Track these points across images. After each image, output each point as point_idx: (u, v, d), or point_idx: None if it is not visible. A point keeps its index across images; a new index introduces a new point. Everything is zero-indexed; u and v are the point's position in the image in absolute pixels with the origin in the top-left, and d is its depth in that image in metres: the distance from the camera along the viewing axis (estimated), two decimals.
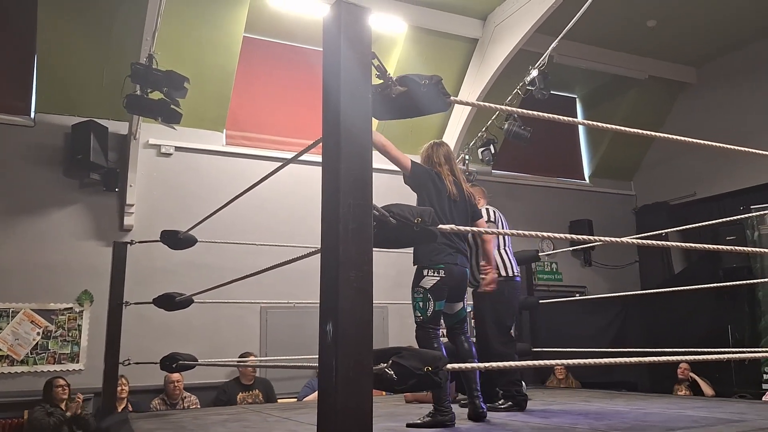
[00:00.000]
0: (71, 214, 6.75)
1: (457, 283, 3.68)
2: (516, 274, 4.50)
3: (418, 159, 3.83)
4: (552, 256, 9.19)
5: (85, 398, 6.08)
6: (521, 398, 4.16)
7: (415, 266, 3.66)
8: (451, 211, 3.67)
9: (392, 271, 7.87)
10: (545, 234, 2.51)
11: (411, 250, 3.62)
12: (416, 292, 3.59)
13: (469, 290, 4.11)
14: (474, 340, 4.08)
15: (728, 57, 9.27)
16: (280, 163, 3.05)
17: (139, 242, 4.91)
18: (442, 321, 3.68)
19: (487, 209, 4.54)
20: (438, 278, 3.55)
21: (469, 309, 4.08)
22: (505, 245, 4.53)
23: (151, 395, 6.30)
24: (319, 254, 1.79)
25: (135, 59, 5.93)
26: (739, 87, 9.08)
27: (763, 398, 6.58)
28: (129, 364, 4.55)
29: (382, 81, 2.09)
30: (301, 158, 2.89)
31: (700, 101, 9.70)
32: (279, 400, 6.53)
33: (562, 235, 2.34)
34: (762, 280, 6.69)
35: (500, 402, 4.14)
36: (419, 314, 3.56)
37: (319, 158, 1.82)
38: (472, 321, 3.53)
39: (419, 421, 3.43)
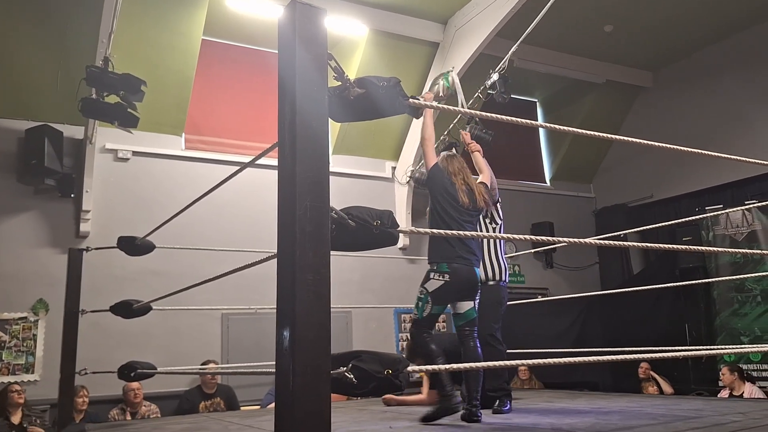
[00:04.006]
0: (25, 221, 6.57)
1: (464, 284, 3.70)
2: (506, 280, 4.49)
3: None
4: (515, 259, 9.27)
5: (42, 409, 5.91)
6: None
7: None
8: (460, 217, 3.78)
9: (356, 276, 7.87)
10: (508, 236, 2.53)
11: (373, 253, 3.62)
12: (420, 291, 3.70)
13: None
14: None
15: (683, 61, 9.49)
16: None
17: (96, 249, 4.78)
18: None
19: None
20: (442, 282, 3.61)
21: None
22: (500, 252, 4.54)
23: (110, 405, 6.15)
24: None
25: (90, 62, 5.78)
26: (694, 90, 9.30)
27: (719, 395, 6.72)
28: (86, 373, 4.43)
29: (340, 83, 2.07)
30: (261, 162, 2.85)
31: (656, 105, 9.91)
32: (242, 408, 6.44)
33: (524, 237, 2.37)
34: (716, 279, 6.84)
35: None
36: (416, 313, 3.69)
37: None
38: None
39: (430, 413, 3.48)
